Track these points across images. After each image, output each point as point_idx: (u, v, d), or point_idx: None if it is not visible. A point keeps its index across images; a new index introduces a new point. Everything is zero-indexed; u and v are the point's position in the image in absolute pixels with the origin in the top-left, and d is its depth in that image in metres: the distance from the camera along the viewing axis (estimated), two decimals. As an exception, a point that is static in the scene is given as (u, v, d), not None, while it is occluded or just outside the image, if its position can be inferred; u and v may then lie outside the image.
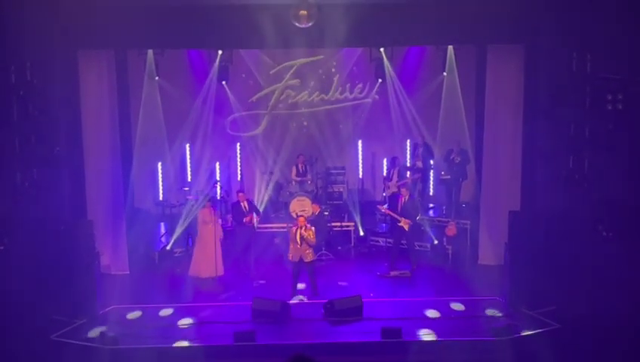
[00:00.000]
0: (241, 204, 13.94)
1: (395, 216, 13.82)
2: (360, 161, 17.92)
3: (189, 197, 15.50)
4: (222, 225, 14.38)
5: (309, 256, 12.55)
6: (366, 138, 17.78)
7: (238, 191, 14.65)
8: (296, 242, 12.42)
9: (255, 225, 14.41)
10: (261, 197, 16.91)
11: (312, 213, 14.31)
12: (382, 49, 16.16)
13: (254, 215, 14.22)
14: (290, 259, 12.64)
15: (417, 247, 14.49)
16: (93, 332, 11.25)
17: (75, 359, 10.72)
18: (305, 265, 12.56)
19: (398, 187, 15.31)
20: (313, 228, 12.63)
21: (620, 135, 11.11)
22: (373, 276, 13.77)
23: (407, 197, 13.91)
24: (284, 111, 17.52)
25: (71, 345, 10.96)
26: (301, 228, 12.43)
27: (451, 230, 14.85)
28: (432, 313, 11.98)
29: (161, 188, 17.21)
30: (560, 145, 12.48)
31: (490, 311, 12.07)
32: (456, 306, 12.27)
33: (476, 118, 15.58)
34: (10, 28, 11.39)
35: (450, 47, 15.57)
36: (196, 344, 11.00)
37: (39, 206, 12.10)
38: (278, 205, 16.61)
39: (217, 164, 17.29)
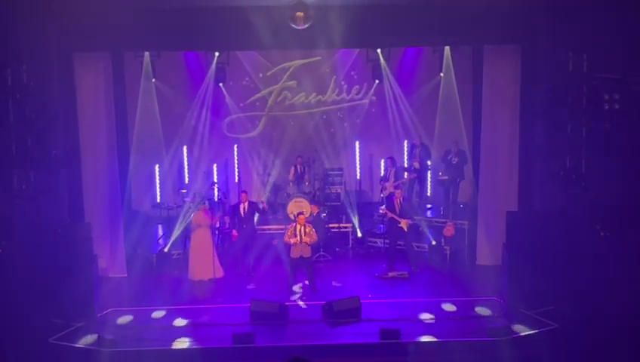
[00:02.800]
0: (242, 205, 13.91)
1: (395, 217, 13.82)
2: (357, 162, 17.92)
3: (187, 200, 15.48)
4: (220, 227, 14.37)
5: (308, 251, 12.73)
6: (363, 139, 17.79)
7: (241, 192, 14.63)
8: (298, 238, 12.53)
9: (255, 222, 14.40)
10: (259, 199, 16.91)
11: (311, 214, 14.30)
12: (379, 50, 16.18)
13: (254, 216, 14.18)
14: (291, 256, 12.71)
15: (415, 248, 14.51)
16: (91, 335, 11.21)
17: (74, 362, 10.72)
18: (304, 261, 12.67)
19: (395, 188, 15.32)
20: (311, 225, 12.78)
21: (617, 135, 11.08)
22: (372, 277, 13.76)
23: (400, 198, 13.91)
24: (282, 112, 17.54)
25: (69, 348, 10.94)
26: (302, 226, 12.55)
27: (449, 230, 14.87)
28: (426, 316, 11.94)
29: (158, 190, 17.19)
30: (557, 145, 12.49)
31: (486, 311, 12.08)
32: (450, 307, 12.25)
33: (473, 118, 15.59)
34: (7, 31, 11.37)
35: (447, 48, 15.63)
36: (195, 346, 10.99)
37: (37, 209, 12.07)
38: (276, 207, 16.60)
39: (215, 166, 17.29)
